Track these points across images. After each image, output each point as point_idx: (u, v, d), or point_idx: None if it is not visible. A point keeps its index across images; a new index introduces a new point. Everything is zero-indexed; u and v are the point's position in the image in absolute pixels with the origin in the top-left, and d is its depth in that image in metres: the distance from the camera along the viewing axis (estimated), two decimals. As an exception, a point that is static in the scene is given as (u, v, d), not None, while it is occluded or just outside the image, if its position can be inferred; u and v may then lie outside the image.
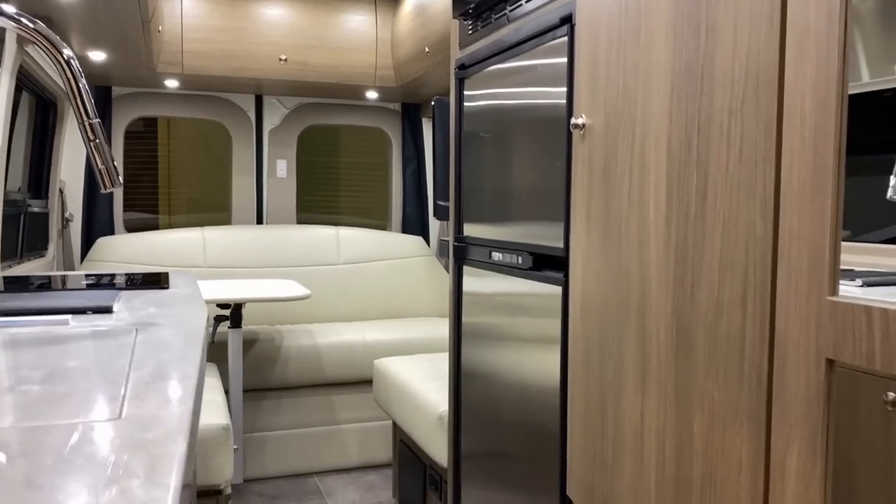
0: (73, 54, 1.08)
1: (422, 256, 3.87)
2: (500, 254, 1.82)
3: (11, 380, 0.75)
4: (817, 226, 0.81)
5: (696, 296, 1.07)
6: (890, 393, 1.47)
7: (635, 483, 1.21)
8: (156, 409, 0.64)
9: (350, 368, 3.18)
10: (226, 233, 3.61)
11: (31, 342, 0.93)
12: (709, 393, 1.04)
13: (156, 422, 0.61)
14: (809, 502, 0.84)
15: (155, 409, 0.64)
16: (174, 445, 0.55)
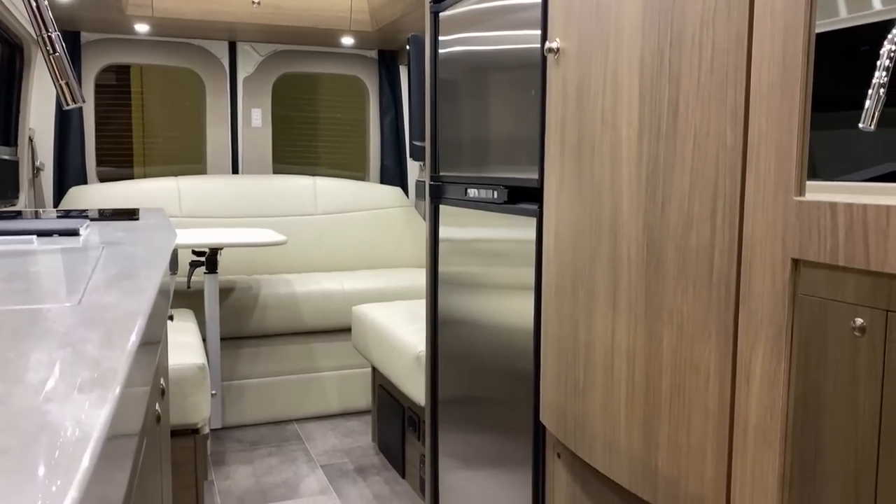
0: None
1: (400, 207, 3.86)
2: (475, 190, 1.81)
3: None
4: (785, 126, 0.81)
5: (666, 211, 1.07)
6: (857, 319, 1.50)
7: (606, 402, 1.22)
8: (116, 298, 0.64)
9: (328, 317, 3.18)
10: (201, 182, 3.57)
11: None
12: (678, 307, 1.05)
13: (115, 306, 0.60)
14: (773, 401, 0.86)
15: (115, 299, 0.63)
16: (131, 321, 0.54)
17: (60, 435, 0.31)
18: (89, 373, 0.41)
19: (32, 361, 0.43)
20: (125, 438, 0.40)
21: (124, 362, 0.44)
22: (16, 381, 0.39)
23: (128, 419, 0.43)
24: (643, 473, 1.13)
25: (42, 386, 0.38)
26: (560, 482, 1.46)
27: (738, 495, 0.94)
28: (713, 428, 0.99)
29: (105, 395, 0.37)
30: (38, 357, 0.44)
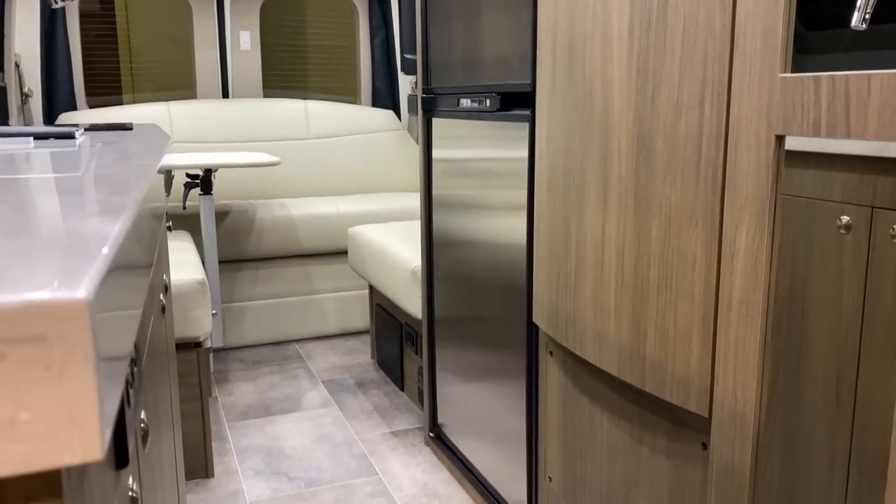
0: None
1: (393, 131, 3.84)
2: (467, 99, 1.81)
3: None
4: (771, 3, 0.82)
5: (656, 102, 1.08)
6: (843, 217, 1.53)
7: (596, 295, 1.26)
8: (117, 171, 0.66)
9: (325, 239, 3.21)
10: (192, 107, 3.54)
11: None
12: (666, 197, 1.08)
13: (116, 175, 0.62)
14: (756, 276, 0.89)
15: (116, 171, 0.65)
16: (137, 181, 0.56)
17: (82, 235, 0.34)
18: (101, 206, 0.43)
19: (54, 200, 0.46)
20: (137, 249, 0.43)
21: (132, 204, 0.47)
22: (43, 211, 0.42)
23: (138, 248, 0.45)
24: (631, 361, 1.18)
25: (64, 212, 0.41)
26: (553, 379, 1.52)
27: (722, 372, 0.99)
28: (699, 312, 1.03)
29: (117, 218, 0.39)
30: (56, 198, 0.47)
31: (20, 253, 0.30)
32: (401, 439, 2.32)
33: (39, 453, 0.25)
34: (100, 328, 0.26)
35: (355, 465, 2.15)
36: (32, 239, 0.33)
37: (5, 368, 0.24)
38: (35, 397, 0.24)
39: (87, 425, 0.25)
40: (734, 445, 0.97)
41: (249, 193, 3.51)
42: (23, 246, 0.32)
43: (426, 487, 2.03)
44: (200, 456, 2.09)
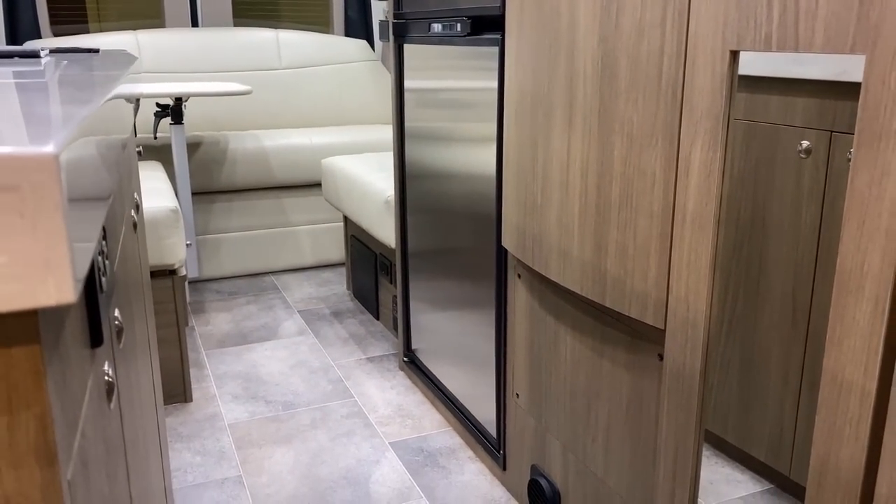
0: None
1: (366, 61, 3.80)
2: (438, 24, 1.81)
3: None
4: (730, -82, 0.83)
5: (620, 22, 1.10)
6: (804, 142, 1.57)
7: (560, 216, 1.30)
8: (83, 78, 0.67)
9: (298, 171, 3.21)
10: (160, 36, 3.47)
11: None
12: (628, 117, 1.10)
13: (82, 80, 0.63)
14: (709, 189, 0.93)
15: (82, 78, 0.66)
16: (100, 85, 0.58)
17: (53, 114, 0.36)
18: (69, 98, 0.45)
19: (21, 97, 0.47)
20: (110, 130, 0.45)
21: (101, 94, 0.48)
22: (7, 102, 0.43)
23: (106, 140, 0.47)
24: (593, 278, 1.23)
25: (32, 104, 0.43)
26: (520, 301, 1.57)
27: (676, 284, 1.03)
28: (657, 228, 1.07)
29: (86, 104, 0.41)
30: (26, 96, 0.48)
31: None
32: (376, 364, 2.38)
33: (16, 294, 0.28)
34: (70, 183, 0.29)
35: (331, 389, 2.21)
36: (3, 115, 0.36)
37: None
38: (10, 243, 0.27)
39: (59, 269, 0.28)
40: (685, 352, 1.02)
41: (221, 124, 3.48)
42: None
43: (400, 408, 2.10)
44: (178, 381, 2.13)
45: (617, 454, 1.29)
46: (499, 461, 1.74)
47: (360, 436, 1.95)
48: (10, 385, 0.30)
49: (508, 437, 1.70)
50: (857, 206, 0.71)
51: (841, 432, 0.76)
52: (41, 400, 0.31)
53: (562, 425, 1.46)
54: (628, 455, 1.26)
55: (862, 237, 0.71)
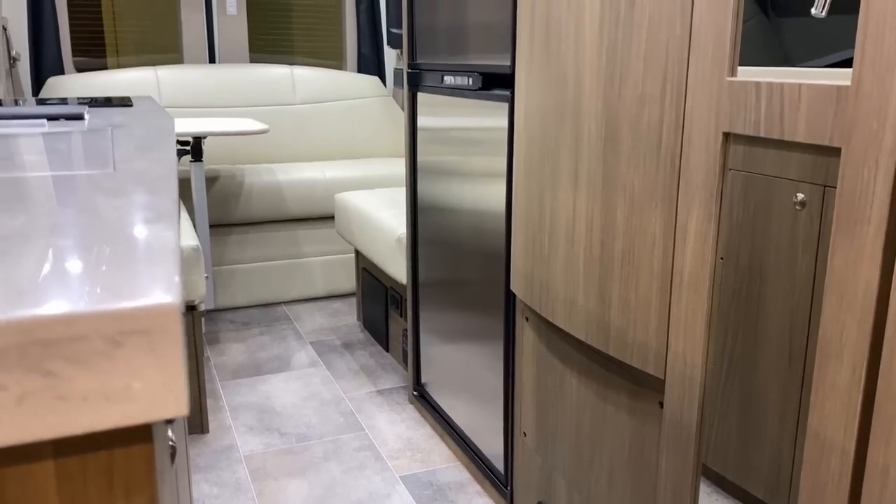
0: None
1: (378, 97, 3.90)
2: (451, 77, 1.90)
3: (8, 153, 0.84)
4: (721, 15, 0.92)
5: (623, 92, 1.18)
6: (799, 194, 1.65)
7: (567, 266, 1.37)
8: (144, 166, 0.75)
9: (312, 204, 3.30)
10: (179, 72, 3.58)
11: (17, 136, 1.02)
12: (630, 180, 1.18)
13: (146, 172, 0.72)
14: (704, 256, 1.00)
15: (143, 166, 0.75)
16: (167, 182, 0.66)
17: (150, 244, 0.44)
18: (151, 213, 0.53)
19: (104, 204, 0.56)
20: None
21: (173, 206, 0.57)
22: (100, 216, 0.52)
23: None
24: (598, 327, 1.30)
25: (121, 220, 0.51)
26: (528, 343, 1.64)
27: (674, 339, 1.11)
28: (657, 284, 1.14)
29: (170, 226, 0.49)
30: (105, 202, 0.57)
31: (116, 261, 0.41)
32: (386, 397, 2.45)
33: (146, 410, 0.35)
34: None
35: (343, 422, 2.27)
36: (119, 247, 0.44)
37: (123, 352, 0.34)
38: (143, 372, 0.35)
39: (177, 390, 0.36)
40: (683, 404, 1.09)
41: (237, 158, 3.58)
42: (114, 254, 0.42)
43: (410, 442, 2.16)
44: (196, 412, 2.20)
45: (619, 494, 1.36)
46: (506, 496, 1.80)
47: (371, 469, 2.02)
48: (129, 476, 0.38)
49: (516, 474, 1.76)
50: (836, 283, 0.79)
51: (824, 487, 0.83)
52: (152, 483, 0.38)
53: (567, 465, 1.52)
54: (630, 495, 1.33)
55: (840, 310, 0.79)
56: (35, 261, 0.41)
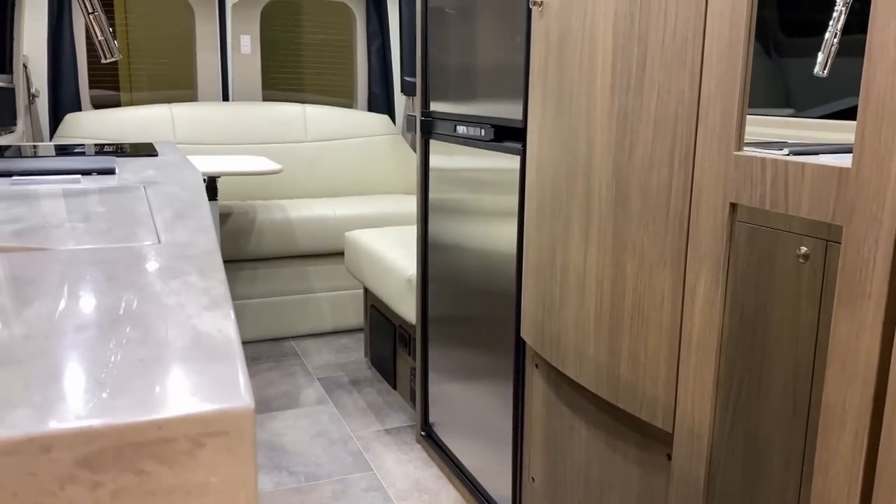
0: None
1: (388, 135, 3.97)
2: (464, 127, 1.96)
3: (59, 219, 0.89)
4: (729, 91, 0.97)
5: (633, 155, 1.23)
6: (802, 248, 1.70)
7: (577, 319, 1.41)
8: (187, 237, 0.80)
9: (322, 241, 3.35)
10: (193, 109, 3.66)
11: (56, 195, 1.07)
12: (640, 239, 1.23)
13: (192, 245, 0.76)
14: (711, 320, 1.04)
15: (186, 237, 0.80)
16: (214, 258, 0.71)
17: (214, 337, 0.49)
18: (206, 298, 0.58)
19: (161, 288, 0.60)
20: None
21: (224, 289, 0.61)
22: (161, 304, 0.56)
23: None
24: (607, 380, 1.34)
25: (181, 308, 0.55)
26: (537, 389, 1.67)
27: (682, 396, 1.14)
28: (666, 341, 1.18)
29: (227, 314, 0.54)
30: (162, 286, 0.61)
31: (190, 360, 0.45)
32: (393, 437, 2.47)
33: (221, 503, 0.40)
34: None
35: (351, 461, 2.30)
36: (188, 342, 0.48)
37: (205, 452, 0.39)
38: (221, 468, 0.39)
39: (249, 485, 0.40)
40: (691, 459, 1.13)
41: (249, 194, 3.64)
42: (186, 352, 0.47)
43: (418, 483, 2.19)
44: (207, 450, 2.23)
45: (628, 544, 1.38)
46: (514, 540, 1.82)
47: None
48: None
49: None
50: (838, 353, 0.83)
51: (828, 548, 0.86)
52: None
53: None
54: (638, 546, 1.35)
55: (843, 379, 0.83)
56: (117, 359, 0.46)
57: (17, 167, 1.27)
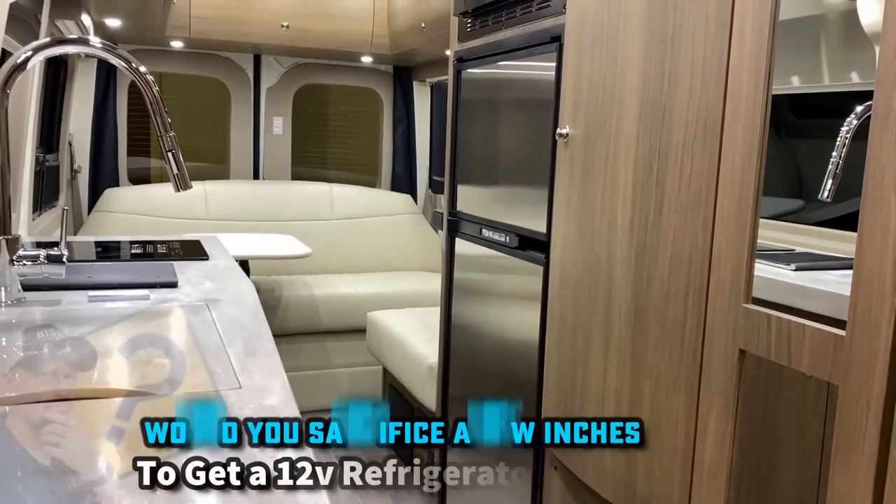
0: (144, 68, 1.30)
1: (410, 214, 4.12)
2: (489, 231, 2.08)
3: (143, 353, 1.01)
4: (738, 249, 1.09)
5: (650, 287, 1.35)
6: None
7: (597, 431, 1.51)
8: (262, 380, 0.92)
9: (343, 318, 3.46)
10: (225, 187, 3.83)
11: (131, 317, 1.19)
12: (657, 364, 1.33)
13: (268, 390, 0.88)
14: (722, 452, 1.14)
15: (262, 381, 0.91)
16: (290, 409, 0.82)
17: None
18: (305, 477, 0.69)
19: (261, 456, 0.72)
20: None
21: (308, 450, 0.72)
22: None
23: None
24: (624, 491, 1.42)
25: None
26: (556, 490, 1.76)
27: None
28: (679, 463, 1.28)
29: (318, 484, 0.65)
30: (261, 453, 0.72)
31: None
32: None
33: None
34: None
35: (370, 545, 2.36)
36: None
37: None
38: None
39: None
40: (703, 578, 1.21)
41: (275, 268, 3.77)
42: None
43: (435, 570, 2.24)
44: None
45: None
46: None
47: None
48: None
49: None
50: (835, 502, 0.92)
51: None
52: None
53: None
54: None
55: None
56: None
57: (90, 280, 1.40)
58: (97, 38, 1.35)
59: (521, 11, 1.84)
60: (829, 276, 1.59)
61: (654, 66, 1.33)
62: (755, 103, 1.07)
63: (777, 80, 2.28)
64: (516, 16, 1.86)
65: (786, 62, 2.13)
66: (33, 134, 2.47)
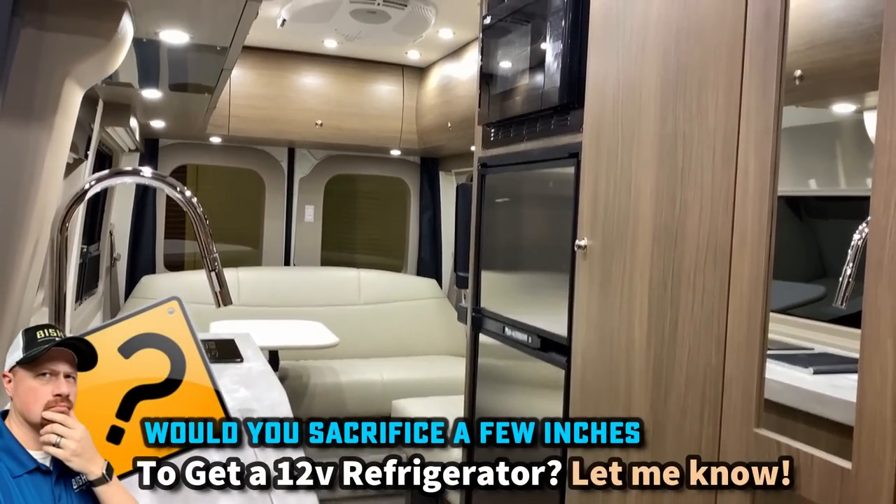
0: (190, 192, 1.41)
1: (435, 298, 4.20)
2: (511, 330, 2.15)
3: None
4: (748, 375, 1.14)
5: (667, 400, 1.40)
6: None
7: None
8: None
9: (369, 404, 3.51)
10: (257, 273, 3.95)
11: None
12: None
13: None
14: (739, 571, 1.17)
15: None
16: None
17: None
18: None
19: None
20: None
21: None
22: None
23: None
24: None
25: None
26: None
27: None
28: (699, 577, 1.29)
29: None
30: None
31: None
32: None
33: None
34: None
35: None
36: None
37: None
38: None
39: None
40: None
41: (303, 354, 3.85)
42: None
43: None
44: None
45: None
46: None
47: None
48: None
49: None
50: None
51: None
52: None
53: None
54: None
55: None
56: None
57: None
58: (149, 168, 1.47)
59: (540, 127, 1.95)
60: (847, 382, 1.62)
61: (666, 191, 1.41)
62: (759, 237, 1.15)
63: (794, 182, 2.36)
64: (536, 130, 1.97)
65: (803, 166, 2.20)
66: (80, 231, 2.61)
